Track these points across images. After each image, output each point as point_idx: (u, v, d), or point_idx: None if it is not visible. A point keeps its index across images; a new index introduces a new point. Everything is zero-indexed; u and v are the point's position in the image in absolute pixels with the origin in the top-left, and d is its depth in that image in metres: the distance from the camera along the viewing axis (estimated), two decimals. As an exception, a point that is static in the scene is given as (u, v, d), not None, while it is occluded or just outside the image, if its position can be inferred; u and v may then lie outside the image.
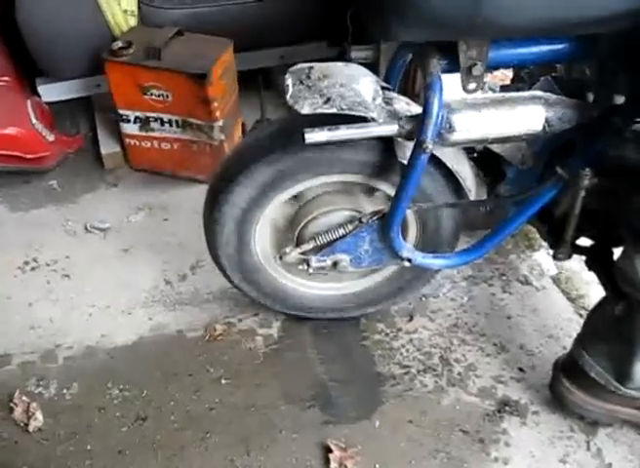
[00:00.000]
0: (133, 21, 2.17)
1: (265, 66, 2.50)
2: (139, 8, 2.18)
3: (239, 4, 2.28)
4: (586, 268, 1.62)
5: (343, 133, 1.34)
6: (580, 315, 1.85)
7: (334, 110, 1.34)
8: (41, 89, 2.35)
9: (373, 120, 1.36)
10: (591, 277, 1.91)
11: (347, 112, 1.34)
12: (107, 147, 2.33)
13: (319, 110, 1.34)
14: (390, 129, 1.35)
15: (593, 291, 1.91)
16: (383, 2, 1.16)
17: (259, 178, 1.48)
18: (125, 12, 2.14)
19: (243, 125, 2.34)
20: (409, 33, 1.20)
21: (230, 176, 1.51)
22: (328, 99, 1.35)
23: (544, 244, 2.03)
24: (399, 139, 1.40)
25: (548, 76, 1.55)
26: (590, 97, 1.48)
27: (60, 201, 2.23)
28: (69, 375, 1.70)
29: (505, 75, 1.88)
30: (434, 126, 1.30)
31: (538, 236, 2.04)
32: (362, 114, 1.35)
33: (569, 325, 1.83)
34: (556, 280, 1.96)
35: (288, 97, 1.37)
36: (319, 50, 2.50)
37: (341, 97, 1.35)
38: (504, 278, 1.96)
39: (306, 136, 1.32)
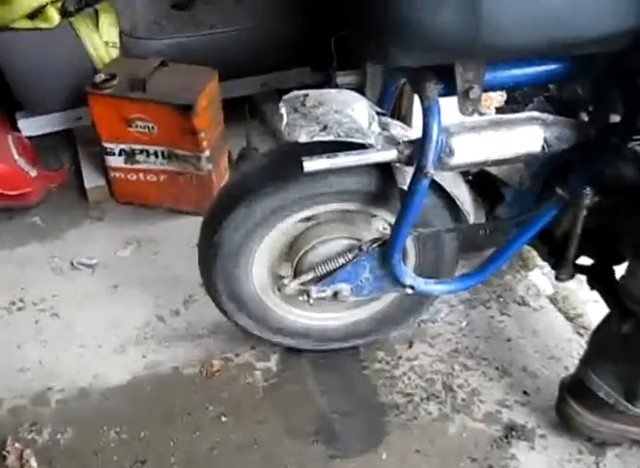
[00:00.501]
0: (115, 53, 2.15)
1: (249, 94, 2.48)
2: (120, 39, 2.16)
3: (221, 33, 2.27)
4: (587, 287, 1.61)
5: (343, 160, 1.32)
6: (580, 334, 1.84)
7: (331, 138, 1.32)
8: (21, 123, 2.31)
9: (370, 146, 1.34)
10: (588, 296, 1.93)
11: (345, 139, 1.32)
12: (91, 181, 2.29)
13: (316, 138, 1.32)
14: (389, 155, 1.34)
15: (591, 309, 1.91)
16: (382, 27, 1.15)
17: (255, 210, 1.45)
18: (106, 43, 2.12)
19: (229, 154, 2.32)
20: (408, 58, 1.19)
21: (226, 209, 1.47)
22: (325, 127, 1.33)
23: (539, 263, 2.02)
24: (398, 165, 1.39)
25: (541, 97, 1.56)
26: (584, 116, 1.48)
27: (45, 237, 2.18)
28: (63, 419, 1.64)
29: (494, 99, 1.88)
30: (434, 150, 1.28)
31: (532, 256, 2.04)
32: (360, 141, 1.33)
33: (569, 345, 1.81)
34: (553, 299, 1.94)
35: (283, 125, 1.35)
36: (302, 76, 2.49)
37: (338, 123, 1.34)
38: (501, 300, 1.94)
39: (305, 164, 1.30)
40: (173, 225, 2.22)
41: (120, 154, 2.12)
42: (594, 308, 1.90)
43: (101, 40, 2.11)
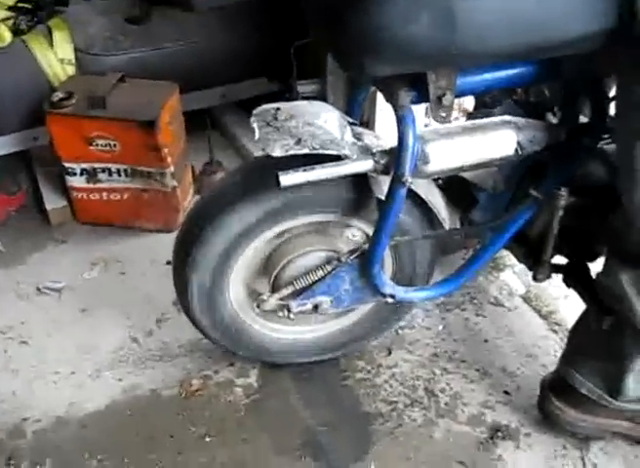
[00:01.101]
0: (71, 70, 2.09)
1: (208, 106, 2.45)
2: (76, 56, 2.11)
3: (177, 47, 2.24)
4: (558, 284, 1.64)
5: (319, 173, 1.31)
6: (555, 331, 1.86)
7: (306, 150, 1.31)
8: (-25, 145, 2.24)
9: (346, 157, 1.34)
10: (559, 292, 1.96)
11: (320, 151, 1.31)
12: (52, 202, 2.22)
13: (291, 152, 1.31)
14: (366, 165, 1.34)
15: (562, 305, 1.94)
16: (356, 38, 1.14)
17: (230, 226, 1.43)
18: (62, 61, 2.06)
19: (192, 168, 2.29)
20: (383, 68, 1.18)
21: (200, 226, 1.45)
22: (299, 140, 1.32)
23: (509, 263, 2.05)
24: (374, 175, 1.39)
25: (509, 100, 1.57)
26: (551, 117, 1.51)
27: (7, 263, 2.10)
28: (41, 451, 1.58)
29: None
30: (411, 158, 1.28)
31: (502, 256, 2.06)
32: (335, 152, 1.32)
33: (545, 342, 1.83)
34: (526, 298, 1.97)
35: (256, 139, 1.33)
36: (259, 86, 2.48)
37: (312, 136, 1.33)
38: (476, 301, 1.95)
39: (281, 179, 1.29)
40: (138, 244, 2.17)
41: (82, 174, 2.07)
42: (566, 304, 1.94)
43: (56, 57, 2.06)
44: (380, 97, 1.92)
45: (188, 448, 1.59)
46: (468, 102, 1.94)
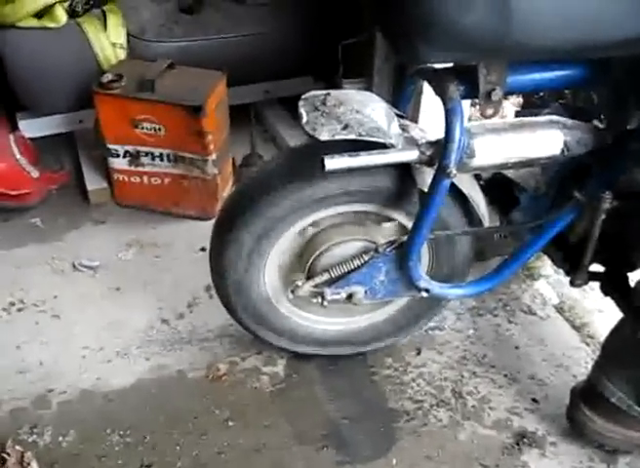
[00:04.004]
0: (122, 54, 2.13)
1: (252, 101, 2.47)
2: (127, 41, 2.14)
3: (228, 38, 2.27)
4: (593, 297, 1.62)
5: (364, 159, 1.32)
6: (587, 343, 1.84)
7: (353, 136, 1.31)
8: (22, 124, 2.28)
9: (391, 146, 1.34)
10: (593, 305, 1.94)
11: (366, 138, 1.32)
12: (93, 183, 2.26)
13: (338, 137, 1.31)
14: (411, 154, 1.34)
15: (597, 319, 1.92)
16: (411, 24, 1.15)
17: (271, 210, 1.44)
18: (114, 45, 2.10)
19: (233, 159, 2.30)
20: (436, 56, 1.19)
21: (242, 208, 1.46)
22: (346, 126, 1.32)
23: (544, 273, 2.03)
24: (418, 166, 1.39)
25: (557, 103, 1.57)
26: (598, 123, 1.49)
27: (45, 239, 2.13)
28: (65, 422, 1.60)
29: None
30: (457, 151, 1.28)
31: (537, 265, 2.04)
32: (381, 140, 1.33)
33: (577, 353, 1.81)
34: (559, 309, 1.94)
35: (303, 123, 1.34)
36: (304, 84, 2.49)
37: (359, 123, 1.33)
38: (508, 308, 1.93)
39: (326, 163, 1.29)
40: (175, 229, 2.19)
41: (124, 156, 2.09)
42: (600, 318, 1.91)
43: (109, 41, 2.09)
44: (425, 95, 1.93)
45: (211, 430, 1.59)
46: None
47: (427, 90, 1.60)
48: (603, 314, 1.91)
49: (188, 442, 1.57)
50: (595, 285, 1.61)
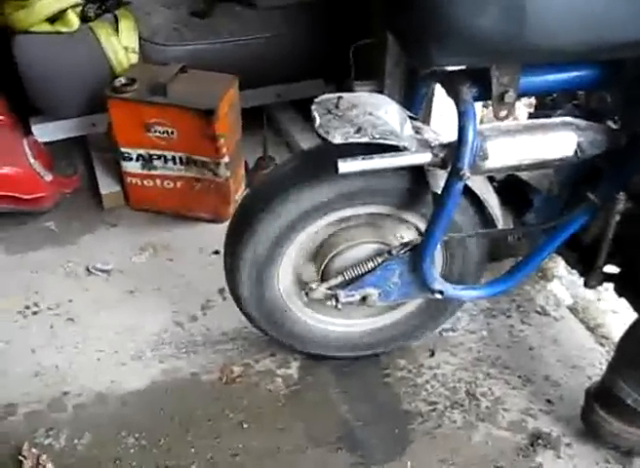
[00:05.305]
0: (134, 58, 2.14)
1: (263, 104, 2.48)
2: (139, 45, 2.15)
3: (238, 42, 2.28)
4: (607, 298, 1.62)
5: (377, 162, 1.32)
6: (602, 344, 1.83)
7: (366, 139, 1.31)
8: (35, 128, 2.30)
9: (405, 149, 1.34)
10: (607, 306, 1.94)
11: (380, 141, 1.32)
12: (107, 187, 2.27)
13: (351, 140, 1.31)
14: (424, 157, 1.34)
15: (611, 320, 1.92)
16: (425, 27, 1.15)
17: (284, 213, 1.44)
18: (126, 49, 2.11)
19: (245, 163, 2.31)
20: (449, 59, 1.19)
21: (256, 210, 1.46)
22: (359, 129, 1.32)
23: (558, 274, 2.02)
24: (431, 169, 1.39)
25: (570, 104, 1.56)
26: (611, 124, 1.49)
27: (59, 243, 2.15)
28: (80, 425, 1.61)
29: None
30: (470, 153, 1.28)
31: (550, 267, 2.04)
32: (394, 143, 1.33)
33: (591, 354, 1.80)
34: (573, 310, 1.94)
35: (316, 127, 1.34)
36: (315, 87, 2.50)
37: (372, 125, 1.33)
38: (522, 309, 1.93)
39: (340, 165, 1.30)
40: (188, 232, 2.20)
41: (137, 160, 2.10)
42: (614, 319, 1.91)
43: (121, 45, 2.11)
44: (437, 97, 1.93)
45: (225, 433, 1.60)
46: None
47: (440, 92, 1.61)
48: (617, 315, 1.91)
49: (203, 444, 1.57)
50: (609, 286, 1.60)
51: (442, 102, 1.91)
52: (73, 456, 1.54)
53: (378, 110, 1.37)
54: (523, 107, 2.15)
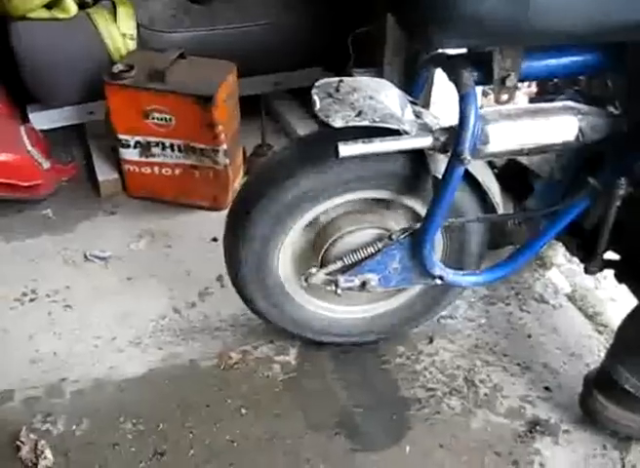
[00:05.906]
0: (132, 45, 2.14)
1: (262, 92, 2.47)
2: (137, 31, 2.14)
3: (237, 29, 2.27)
4: (605, 286, 1.62)
5: (378, 146, 1.31)
6: (600, 332, 1.83)
7: (366, 123, 1.31)
8: (33, 116, 2.29)
9: (405, 133, 1.33)
10: (605, 295, 1.94)
11: (380, 125, 1.31)
12: (104, 174, 2.26)
13: (351, 123, 1.31)
14: (425, 141, 1.33)
15: (609, 308, 1.92)
16: (427, 11, 1.14)
17: (284, 197, 1.43)
18: (124, 35, 2.11)
19: (244, 150, 2.30)
20: (452, 42, 1.19)
21: (257, 194, 1.46)
22: (360, 112, 1.32)
23: (556, 262, 2.02)
24: (432, 153, 1.38)
25: (571, 90, 1.56)
26: (613, 110, 1.49)
27: (57, 230, 2.14)
28: (78, 410, 1.60)
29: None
30: (471, 137, 1.27)
31: (549, 255, 2.04)
32: (395, 127, 1.32)
33: (590, 342, 1.80)
34: (571, 298, 1.94)
35: (317, 110, 1.34)
36: (314, 75, 2.48)
37: (373, 109, 1.33)
38: (520, 297, 1.93)
39: (340, 149, 1.29)
40: (186, 220, 2.20)
41: (135, 147, 2.10)
42: (612, 307, 1.91)
43: (119, 32, 2.10)
44: (437, 83, 1.93)
45: (224, 418, 1.59)
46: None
47: (440, 77, 1.61)
48: (615, 303, 1.91)
49: (201, 430, 1.57)
50: (607, 274, 1.60)
51: (442, 88, 1.91)
52: (71, 442, 1.54)
53: (378, 94, 1.37)
54: (522, 96, 2.14)
